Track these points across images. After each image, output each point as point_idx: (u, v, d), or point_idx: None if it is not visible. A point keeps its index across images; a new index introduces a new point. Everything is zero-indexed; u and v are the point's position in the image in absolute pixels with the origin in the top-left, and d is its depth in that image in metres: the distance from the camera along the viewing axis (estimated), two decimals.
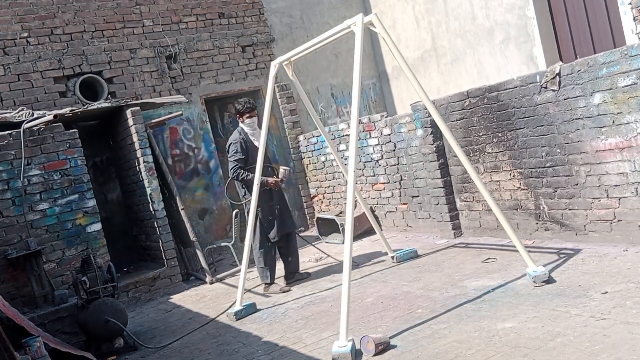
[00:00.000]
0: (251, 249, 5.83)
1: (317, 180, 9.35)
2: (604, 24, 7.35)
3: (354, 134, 4.41)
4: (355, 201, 5.53)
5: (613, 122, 4.75)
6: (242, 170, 6.01)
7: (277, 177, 6.15)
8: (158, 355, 5.02)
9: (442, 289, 4.92)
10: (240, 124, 6.22)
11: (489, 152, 5.99)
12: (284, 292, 6.01)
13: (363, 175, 8.03)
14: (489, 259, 5.49)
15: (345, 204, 7.37)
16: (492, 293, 4.50)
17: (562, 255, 5.05)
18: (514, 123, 5.63)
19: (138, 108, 7.38)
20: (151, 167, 7.35)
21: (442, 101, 6.37)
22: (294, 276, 6.30)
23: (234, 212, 7.86)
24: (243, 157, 6.03)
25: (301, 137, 9.53)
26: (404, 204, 7.49)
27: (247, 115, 6.17)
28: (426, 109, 5.98)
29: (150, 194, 7.29)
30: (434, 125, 6.38)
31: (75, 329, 5.69)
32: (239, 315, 5.45)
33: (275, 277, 6.21)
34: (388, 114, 7.80)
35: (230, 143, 6.13)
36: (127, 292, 7.01)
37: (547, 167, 5.44)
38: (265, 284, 6.17)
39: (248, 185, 6.02)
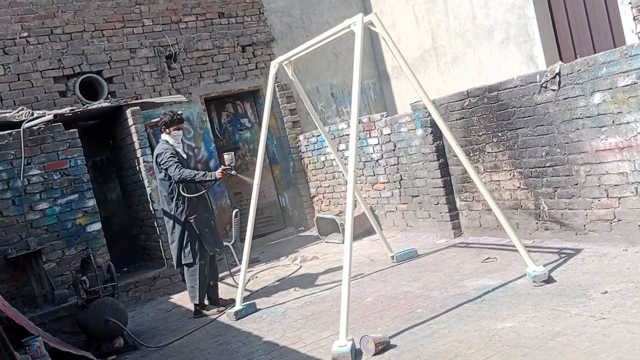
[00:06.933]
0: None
1: (317, 180, 9.35)
2: (604, 24, 7.35)
3: (354, 133, 4.41)
4: (355, 201, 5.52)
5: (613, 121, 4.75)
6: (184, 169, 5.55)
7: (224, 164, 5.62)
8: (158, 355, 5.02)
9: (442, 288, 4.92)
10: (165, 136, 5.79)
11: (488, 152, 5.99)
12: (220, 312, 5.72)
13: (363, 175, 8.03)
14: (488, 258, 5.49)
15: (345, 203, 7.37)
16: (492, 293, 4.50)
17: (562, 255, 5.05)
18: (513, 123, 5.63)
19: (138, 108, 7.38)
20: (151, 166, 7.34)
21: (442, 101, 6.37)
22: (218, 302, 5.90)
23: (234, 212, 7.86)
24: (179, 161, 5.61)
25: (301, 137, 9.52)
26: (403, 203, 7.49)
27: (175, 127, 5.77)
28: (426, 108, 5.98)
29: (150, 194, 7.29)
30: (434, 125, 6.38)
31: (75, 329, 5.69)
32: (239, 315, 5.45)
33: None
34: (388, 114, 7.80)
35: (161, 152, 5.66)
36: (127, 292, 7.02)
37: (547, 166, 5.44)
38: (195, 305, 5.81)
39: (191, 186, 5.65)
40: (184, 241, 5.70)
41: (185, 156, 5.89)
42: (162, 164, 5.64)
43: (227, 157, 5.63)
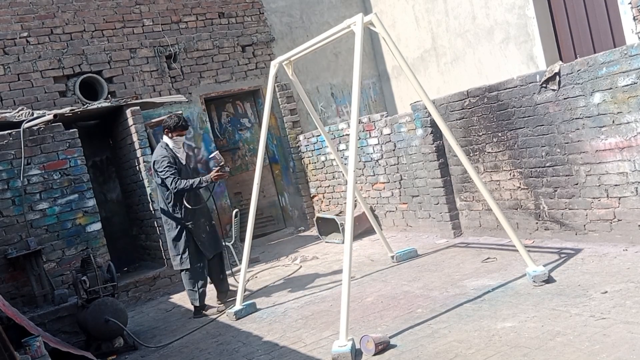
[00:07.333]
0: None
1: (317, 180, 9.35)
2: (604, 24, 7.35)
3: (354, 133, 4.41)
4: (355, 201, 5.52)
5: (613, 121, 4.75)
6: (180, 180, 5.55)
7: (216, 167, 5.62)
8: (158, 355, 5.02)
9: (442, 288, 4.92)
10: (166, 139, 5.80)
11: (488, 152, 5.99)
12: (220, 311, 5.76)
13: (363, 174, 8.03)
14: (488, 258, 5.49)
15: (345, 203, 7.37)
16: (492, 293, 4.50)
17: (562, 255, 5.05)
18: (513, 123, 5.63)
19: (138, 108, 7.38)
20: (151, 166, 7.34)
21: (442, 101, 6.37)
22: (226, 295, 5.98)
23: (234, 212, 7.86)
24: (176, 170, 5.62)
25: (301, 137, 9.52)
26: (403, 203, 7.49)
27: (177, 133, 5.76)
28: (426, 108, 5.98)
29: (150, 194, 7.29)
30: (434, 124, 6.38)
31: (75, 329, 5.69)
32: (239, 315, 5.45)
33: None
34: (388, 114, 7.80)
35: (158, 160, 5.64)
36: (127, 292, 7.02)
37: (547, 166, 5.44)
38: (195, 307, 5.85)
39: (184, 196, 5.63)
40: (179, 244, 5.74)
41: (184, 162, 5.86)
42: (159, 172, 5.66)
43: (215, 155, 5.66)
